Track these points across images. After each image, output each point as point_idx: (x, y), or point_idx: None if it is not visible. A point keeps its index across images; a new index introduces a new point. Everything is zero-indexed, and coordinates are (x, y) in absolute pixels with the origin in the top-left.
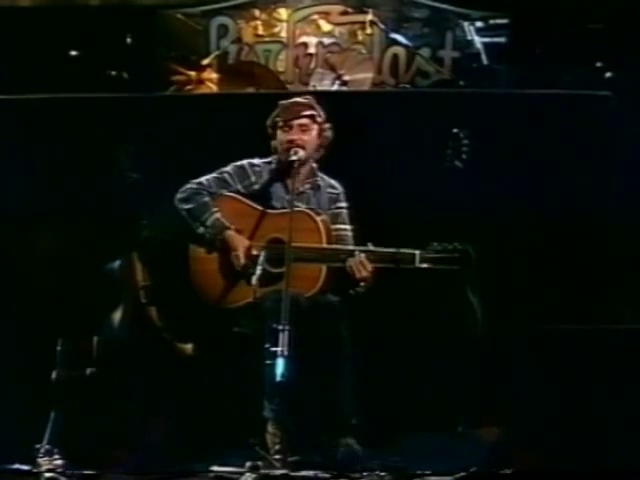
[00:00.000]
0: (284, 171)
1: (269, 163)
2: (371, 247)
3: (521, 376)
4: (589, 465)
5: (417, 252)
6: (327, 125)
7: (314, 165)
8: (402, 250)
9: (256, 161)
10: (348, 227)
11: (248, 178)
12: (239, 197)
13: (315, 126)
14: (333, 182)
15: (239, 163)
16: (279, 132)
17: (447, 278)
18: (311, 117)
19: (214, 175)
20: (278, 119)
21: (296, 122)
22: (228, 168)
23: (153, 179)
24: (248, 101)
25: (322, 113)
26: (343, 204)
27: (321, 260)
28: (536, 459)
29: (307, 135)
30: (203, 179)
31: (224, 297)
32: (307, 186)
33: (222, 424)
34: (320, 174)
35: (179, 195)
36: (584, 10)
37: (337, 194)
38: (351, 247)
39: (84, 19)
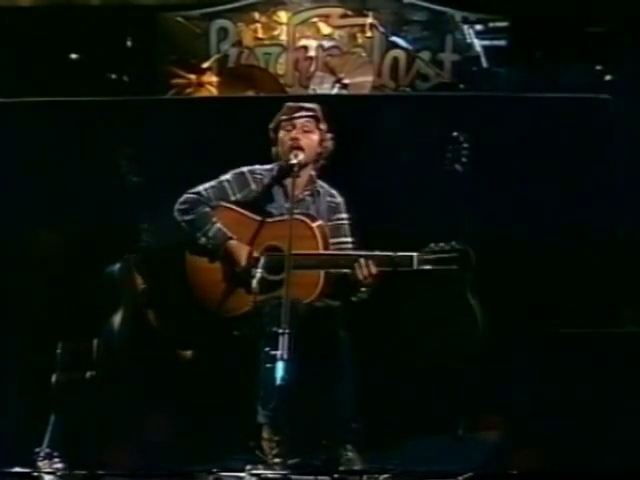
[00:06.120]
0: (284, 177)
1: (270, 170)
2: (368, 252)
3: (521, 378)
4: (589, 466)
5: (415, 254)
6: (329, 135)
7: (313, 173)
8: (399, 253)
9: (257, 168)
10: (349, 239)
11: (248, 186)
12: (234, 207)
13: (317, 131)
14: (333, 191)
15: (239, 170)
16: (281, 132)
17: (447, 280)
18: (314, 118)
19: (213, 184)
20: (282, 118)
21: (299, 121)
22: (228, 176)
23: (153, 183)
24: (249, 104)
25: (325, 123)
26: (343, 215)
27: (318, 267)
28: (536, 461)
29: (308, 138)
30: (201, 188)
31: (223, 306)
32: (306, 192)
33: (222, 427)
34: (320, 182)
35: (178, 206)
36: (584, 13)
37: (337, 204)
38: (347, 253)
39: (83, 21)
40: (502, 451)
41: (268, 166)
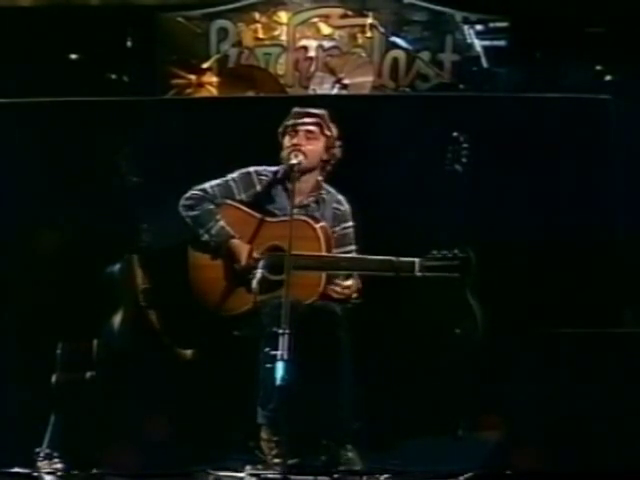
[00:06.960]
0: (288, 179)
1: (276, 172)
2: (370, 256)
3: (521, 379)
4: (589, 466)
5: (416, 260)
6: (337, 143)
7: (319, 178)
8: (401, 259)
9: (263, 169)
10: (354, 247)
11: (253, 187)
12: (239, 206)
13: (322, 138)
14: (340, 197)
15: (245, 170)
16: (286, 138)
17: (447, 282)
18: (318, 125)
19: (218, 182)
20: (287, 123)
21: (302, 128)
22: (234, 174)
23: (154, 183)
24: (249, 104)
25: (334, 130)
26: (349, 223)
27: (319, 268)
28: (536, 461)
29: (311, 144)
30: (207, 186)
31: (224, 304)
32: (311, 199)
33: (222, 427)
34: (326, 187)
35: (183, 202)
36: (584, 13)
37: (343, 212)
38: (349, 255)
39: (83, 21)
40: (502, 451)
41: (274, 168)
